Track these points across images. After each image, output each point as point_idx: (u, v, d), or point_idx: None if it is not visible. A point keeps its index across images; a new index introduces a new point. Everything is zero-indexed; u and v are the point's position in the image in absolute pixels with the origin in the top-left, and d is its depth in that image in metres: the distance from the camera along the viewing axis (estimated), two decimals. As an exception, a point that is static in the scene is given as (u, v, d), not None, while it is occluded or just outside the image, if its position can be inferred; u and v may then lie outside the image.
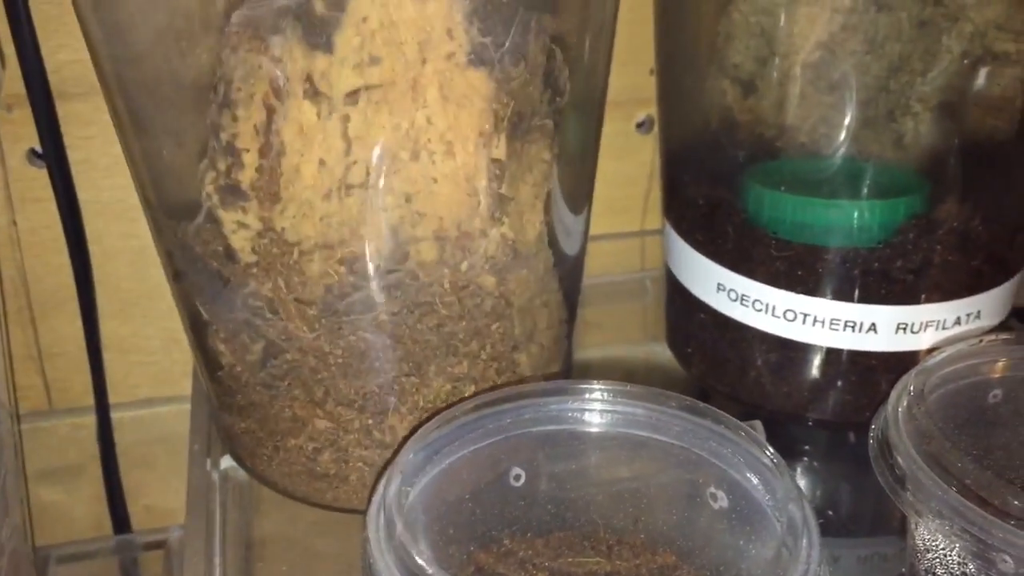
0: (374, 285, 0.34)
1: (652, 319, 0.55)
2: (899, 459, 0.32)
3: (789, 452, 0.39)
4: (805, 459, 0.44)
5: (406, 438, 0.36)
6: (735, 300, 0.42)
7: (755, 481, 0.30)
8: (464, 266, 0.34)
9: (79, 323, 0.51)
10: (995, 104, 0.39)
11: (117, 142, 0.48)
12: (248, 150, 0.32)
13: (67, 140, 0.48)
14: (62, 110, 0.47)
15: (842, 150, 0.40)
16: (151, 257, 0.51)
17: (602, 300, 0.55)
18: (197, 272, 0.36)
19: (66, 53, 0.46)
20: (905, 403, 0.33)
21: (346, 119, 0.31)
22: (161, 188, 0.37)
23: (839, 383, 0.42)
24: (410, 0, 0.31)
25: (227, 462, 0.42)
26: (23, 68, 0.45)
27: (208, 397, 0.42)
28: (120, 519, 0.55)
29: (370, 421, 0.36)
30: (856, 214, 0.39)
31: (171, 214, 0.36)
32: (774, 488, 0.29)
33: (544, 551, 0.32)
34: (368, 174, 0.32)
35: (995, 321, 0.42)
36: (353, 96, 0.31)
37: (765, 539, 0.29)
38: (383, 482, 0.28)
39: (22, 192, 0.49)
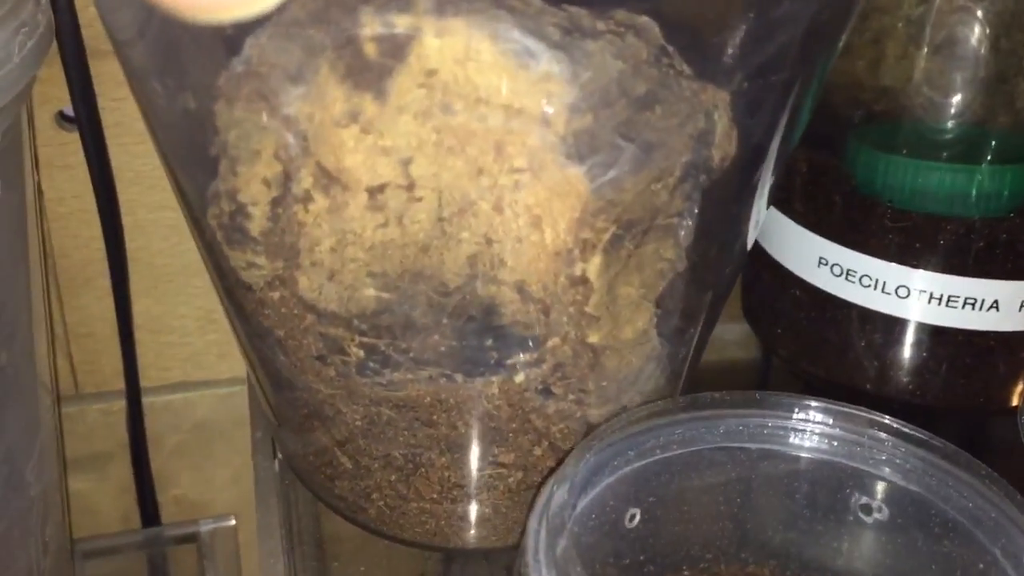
0: (400, 375, 0.29)
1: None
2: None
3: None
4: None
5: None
6: (839, 275, 0.38)
7: (993, 531, 0.26)
8: (519, 378, 0.29)
9: (109, 301, 0.47)
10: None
11: (154, 104, 0.45)
12: (255, 204, 0.27)
13: (100, 102, 0.44)
14: (95, 68, 0.43)
15: (952, 113, 0.37)
16: (188, 231, 0.47)
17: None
18: (221, 276, 0.32)
19: (101, 5, 0.42)
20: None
21: (407, 162, 0.25)
22: (180, 184, 0.32)
23: (952, 365, 0.39)
24: (493, 66, 0.24)
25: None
26: (54, 21, 0.41)
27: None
28: (149, 511, 0.51)
29: (393, 477, 0.32)
30: (985, 180, 0.36)
31: (191, 208, 0.32)
32: (1020, 545, 0.25)
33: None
34: (440, 205, 0.26)
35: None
36: (415, 144, 0.25)
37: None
38: (546, 491, 0.25)
39: (49, 158, 0.45)
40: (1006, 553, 0.25)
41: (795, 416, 0.29)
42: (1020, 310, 0.37)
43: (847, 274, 0.38)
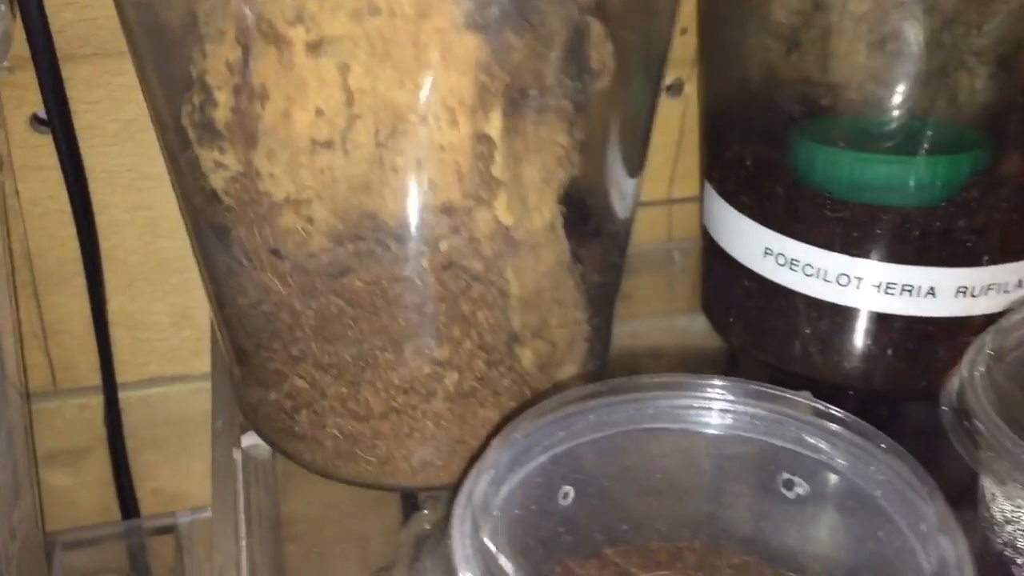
0: (344, 249, 0.32)
1: (681, 290, 0.53)
2: (979, 425, 0.30)
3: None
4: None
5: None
6: (783, 265, 0.40)
7: (898, 503, 0.27)
8: (444, 246, 0.32)
9: (85, 299, 0.48)
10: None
11: (125, 107, 0.46)
12: (220, 88, 0.30)
13: (72, 105, 0.45)
14: (67, 72, 0.45)
15: (893, 107, 0.38)
16: (161, 229, 0.49)
17: (629, 271, 0.53)
18: (189, 207, 0.35)
19: (72, 11, 0.44)
20: (984, 366, 0.31)
21: (345, 68, 0.29)
22: (161, 107, 0.35)
23: (893, 351, 0.40)
24: None
25: (248, 440, 0.40)
26: (26, 27, 0.43)
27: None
28: (128, 503, 0.53)
29: (344, 390, 0.34)
30: (919, 171, 0.37)
31: (173, 136, 0.35)
32: (920, 514, 0.26)
33: (641, 562, 0.30)
34: (377, 131, 0.30)
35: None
36: (348, 44, 0.29)
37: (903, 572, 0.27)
38: (470, 479, 0.26)
39: (24, 160, 0.46)
40: (910, 524, 0.26)
41: (720, 397, 0.30)
42: (955, 296, 0.38)
43: (791, 263, 0.39)
